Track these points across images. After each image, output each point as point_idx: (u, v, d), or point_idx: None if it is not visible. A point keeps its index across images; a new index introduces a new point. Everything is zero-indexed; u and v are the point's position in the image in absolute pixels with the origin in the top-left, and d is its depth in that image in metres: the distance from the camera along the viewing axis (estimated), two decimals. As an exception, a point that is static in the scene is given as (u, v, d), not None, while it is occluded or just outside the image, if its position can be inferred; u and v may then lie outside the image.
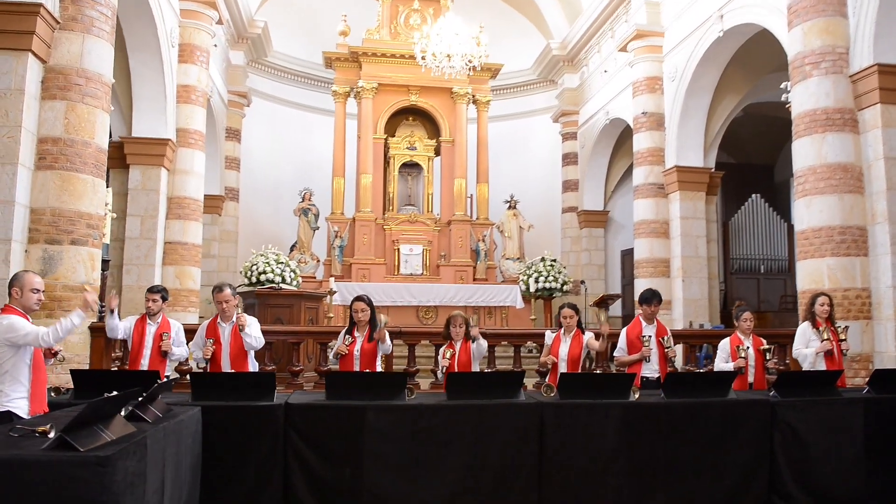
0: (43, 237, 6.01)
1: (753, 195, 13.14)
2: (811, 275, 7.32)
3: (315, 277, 13.68)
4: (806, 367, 6.00)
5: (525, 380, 7.12)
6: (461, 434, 4.49)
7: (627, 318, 14.26)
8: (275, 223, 15.56)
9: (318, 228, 14.16)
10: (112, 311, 5.05)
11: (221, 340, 5.19)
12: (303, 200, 14.07)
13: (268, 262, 12.54)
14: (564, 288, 13.50)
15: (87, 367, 6.12)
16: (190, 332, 5.71)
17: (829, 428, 4.90)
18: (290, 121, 16.39)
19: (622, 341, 5.80)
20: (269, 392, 4.50)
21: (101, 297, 7.48)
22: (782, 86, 8.17)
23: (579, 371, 5.60)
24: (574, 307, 5.74)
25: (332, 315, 11.23)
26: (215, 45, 12.87)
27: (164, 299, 5.21)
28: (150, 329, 5.11)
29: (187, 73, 10.52)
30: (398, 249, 13.80)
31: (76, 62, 6.23)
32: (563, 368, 5.57)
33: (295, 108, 16.51)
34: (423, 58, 9.62)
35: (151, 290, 5.20)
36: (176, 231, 10.23)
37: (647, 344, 5.57)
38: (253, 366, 5.34)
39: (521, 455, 4.54)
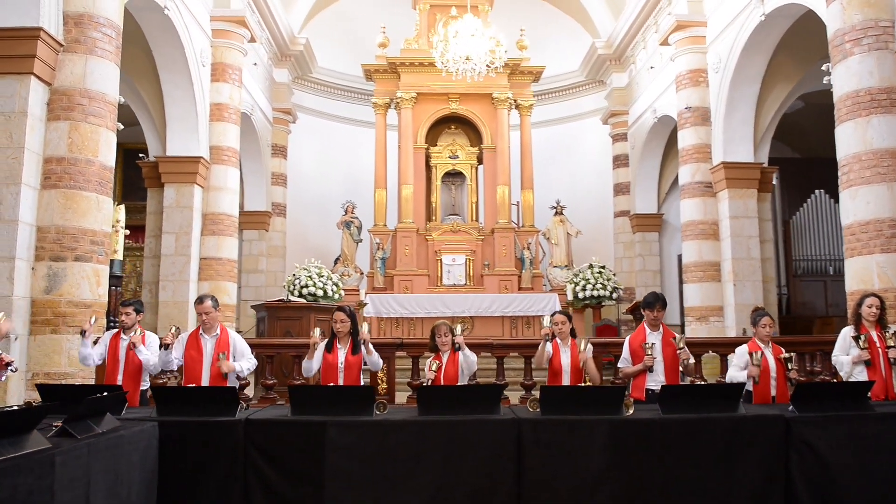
0: (48, 254, 6.14)
1: (817, 191, 12.12)
2: (859, 274, 6.59)
3: (358, 290, 13.64)
4: (843, 376, 5.40)
5: (536, 392, 6.77)
6: (431, 452, 4.20)
7: (675, 327, 13.48)
8: (323, 237, 15.64)
9: (360, 241, 14.15)
10: (84, 335, 4.94)
11: (203, 353, 5.11)
12: (345, 213, 14.11)
13: (310, 276, 12.63)
14: (614, 295, 12.91)
15: (92, 383, 6.18)
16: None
17: (858, 447, 4.30)
18: (337, 135, 16.52)
19: (625, 351, 5.34)
20: (232, 407, 4.36)
21: (115, 313, 7.62)
22: (823, 67, 7.45)
23: (583, 382, 5.19)
24: (565, 314, 5.34)
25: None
26: (255, 64, 13.15)
27: (139, 311, 5.17)
28: (124, 343, 5.07)
29: (220, 91, 10.72)
30: (440, 260, 13.58)
31: (79, 83, 6.37)
32: (566, 380, 5.17)
33: (341, 122, 16.64)
34: (443, 63, 9.41)
35: (124, 303, 5.16)
36: (210, 247, 10.39)
37: (649, 352, 5.09)
38: (232, 380, 5.22)
39: (497, 475, 4.19)
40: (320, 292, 12.47)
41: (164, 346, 4.93)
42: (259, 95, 13.72)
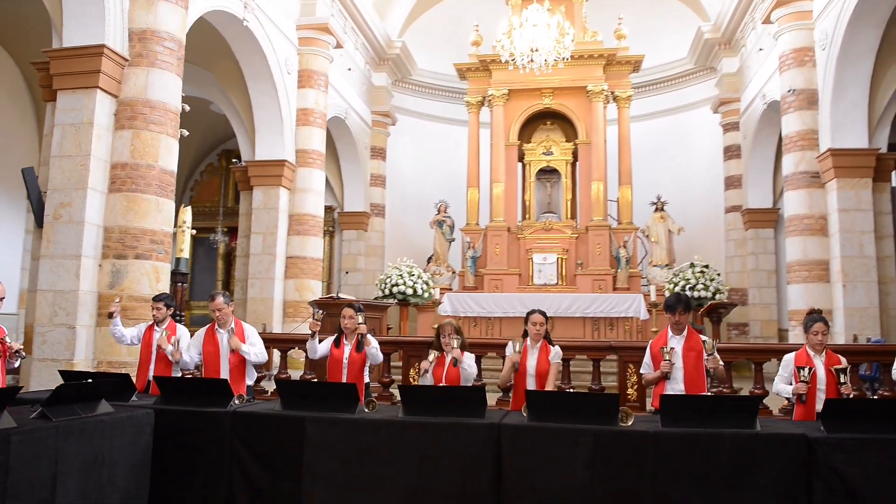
0: (112, 253, 6.68)
1: (956, 179, 10.45)
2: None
3: (451, 289, 13.67)
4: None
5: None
6: (406, 454, 4.08)
7: (782, 332, 12.23)
8: (423, 236, 15.79)
9: (453, 240, 14.17)
10: (111, 315, 5.28)
11: (220, 347, 5.31)
12: (438, 212, 14.18)
13: (401, 275, 12.81)
14: (717, 296, 11.92)
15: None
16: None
17: (901, 477, 3.65)
18: (437, 135, 16.64)
19: (647, 356, 4.90)
20: (225, 399, 4.49)
21: (179, 308, 8.13)
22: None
23: (548, 389, 4.84)
24: (544, 314, 4.99)
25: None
26: (349, 69, 13.58)
27: (169, 307, 5.44)
28: (157, 336, 5.37)
29: (305, 96, 11.17)
30: (531, 259, 13.27)
31: (142, 93, 6.88)
32: (530, 385, 4.85)
33: (442, 122, 16.74)
34: (511, 59, 9.16)
35: (156, 298, 5.45)
36: (295, 246, 10.86)
37: (667, 357, 4.63)
38: (251, 374, 5.39)
39: (473, 482, 3.99)
40: (410, 290, 12.62)
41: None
42: (355, 99, 14.14)
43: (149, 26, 6.97)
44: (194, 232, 8.59)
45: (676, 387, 4.67)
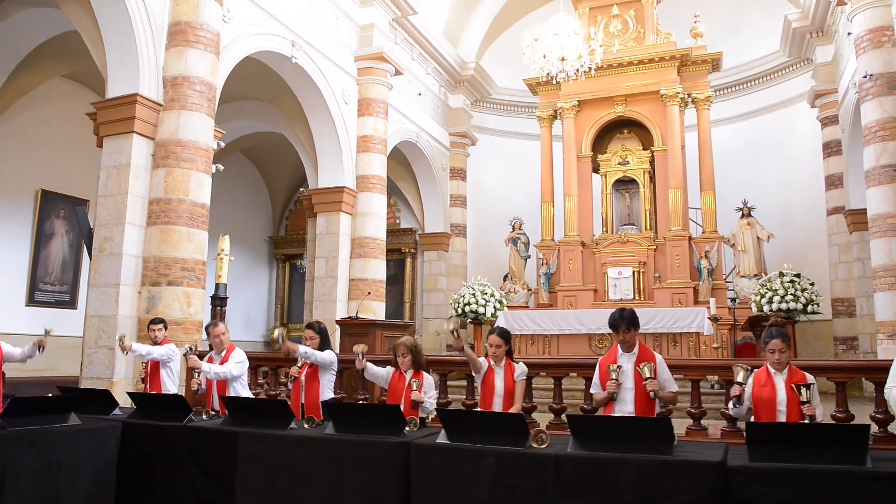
0: (149, 280, 7.35)
1: None
2: None
3: (527, 306, 13.48)
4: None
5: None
6: (323, 471, 4.18)
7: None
8: (507, 254, 15.75)
9: (528, 257, 13.99)
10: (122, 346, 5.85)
11: (210, 370, 5.69)
12: (513, 230, 14.08)
13: (473, 294, 12.85)
14: (809, 308, 10.79)
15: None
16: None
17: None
18: (520, 152, 16.53)
19: (595, 375, 4.62)
20: (182, 414, 4.81)
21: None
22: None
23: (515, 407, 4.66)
24: (503, 334, 4.80)
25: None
26: (420, 94, 13.96)
27: (166, 327, 5.98)
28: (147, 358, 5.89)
29: (365, 124, 11.63)
30: (606, 273, 12.78)
31: (174, 134, 7.55)
32: (496, 404, 4.69)
33: (526, 139, 16.59)
34: (542, 69, 9.00)
35: (153, 321, 5.99)
36: (357, 269, 11.26)
37: (613, 376, 4.34)
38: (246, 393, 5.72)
39: (383, 501, 4.00)
40: (482, 310, 12.61)
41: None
42: (428, 122, 14.46)
43: (180, 73, 7.65)
44: (232, 259, 9.21)
45: (626, 408, 4.36)
